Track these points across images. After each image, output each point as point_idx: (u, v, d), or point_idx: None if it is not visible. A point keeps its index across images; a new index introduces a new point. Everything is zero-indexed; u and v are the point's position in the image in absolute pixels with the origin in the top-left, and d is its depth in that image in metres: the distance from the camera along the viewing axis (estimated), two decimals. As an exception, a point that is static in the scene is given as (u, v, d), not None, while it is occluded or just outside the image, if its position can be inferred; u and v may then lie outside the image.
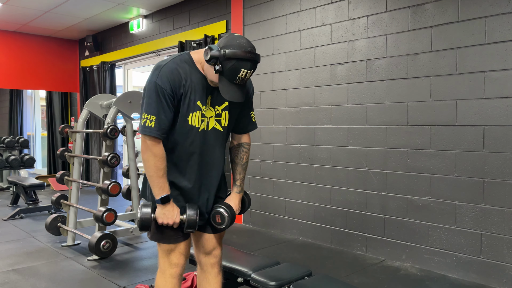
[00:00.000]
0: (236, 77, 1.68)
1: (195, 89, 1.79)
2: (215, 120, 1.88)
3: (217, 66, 1.67)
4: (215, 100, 1.87)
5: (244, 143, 2.06)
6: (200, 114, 1.83)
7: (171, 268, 1.92)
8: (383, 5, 3.64)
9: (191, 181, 1.88)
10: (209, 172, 1.93)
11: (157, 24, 6.23)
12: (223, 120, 1.90)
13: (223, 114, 1.90)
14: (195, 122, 1.82)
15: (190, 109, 1.80)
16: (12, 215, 5.31)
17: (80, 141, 4.25)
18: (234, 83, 1.70)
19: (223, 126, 1.91)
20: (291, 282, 2.33)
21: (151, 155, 1.76)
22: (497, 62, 3.02)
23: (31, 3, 5.87)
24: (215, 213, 1.94)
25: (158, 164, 1.76)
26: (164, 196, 1.78)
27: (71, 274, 3.38)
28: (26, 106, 10.23)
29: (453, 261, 3.28)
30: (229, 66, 1.67)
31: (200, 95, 1.81)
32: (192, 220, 1.81)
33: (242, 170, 2.05)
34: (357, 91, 3.85)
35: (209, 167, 1.92)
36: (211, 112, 1.87)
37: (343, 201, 3.99)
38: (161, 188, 1.78)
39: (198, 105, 1.81)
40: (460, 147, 3.23)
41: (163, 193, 1.78)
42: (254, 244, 4.16)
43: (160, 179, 1.77)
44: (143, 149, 1.79)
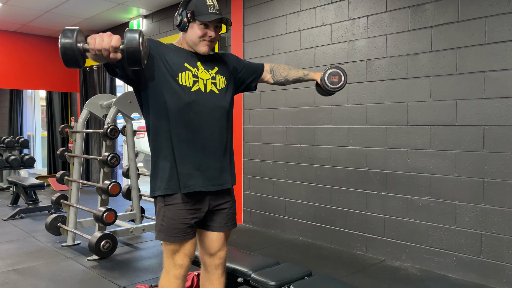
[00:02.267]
0: (208, 7, 1.82)
1: (179, 55, 1.87)
2: (212, 83, 1.91)
3: (188, 15, 1.82)
4: (205, 65, 1.92)
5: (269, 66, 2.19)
6: (190, 74, 1.85)
7: (175, 269, 1.91)
8: (383, 5, 3.64)
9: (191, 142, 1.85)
10: (212, 134, 1.89)
11: (157, 24, 6.23)
12: (218, 83, 1.93)
13: (217, 77, 1.94)
14: (186, 81, 1.84)
15: (178, 69, 1.83)
16: (12, 215, 5.31)
17: (80, 141, 4.25)
18: (210, 13, 1.81)
19: (219, 89, 1.93)
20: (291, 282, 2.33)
21: None
22: (497, 62, 3.02)
23: (31, 3, 5.87)
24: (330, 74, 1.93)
25: None
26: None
27: (71, 274, 3.38)
28: (26, 106, 10.22)
29: (453, 261, 3.28)
30: (194, 4, 1.82)
31: (186, 59, 1.88)
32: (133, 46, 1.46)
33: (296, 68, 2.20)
34: (357, 91, 3.85)
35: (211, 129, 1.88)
36: (207, 74, 1.90)
37: (343, 201, 3.99)
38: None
39: (186, 66, 1.86)
40: (460, 147, 3.23)
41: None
42: (254, 244, 4.16)
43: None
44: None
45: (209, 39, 1.86)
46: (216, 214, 1.98)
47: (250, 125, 4.87)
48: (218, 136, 1.92)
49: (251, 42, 4.81)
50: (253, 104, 4.82)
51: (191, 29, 1.85)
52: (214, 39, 1.87)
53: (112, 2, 5.83)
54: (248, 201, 4.93)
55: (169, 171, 1.84)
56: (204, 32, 1.84)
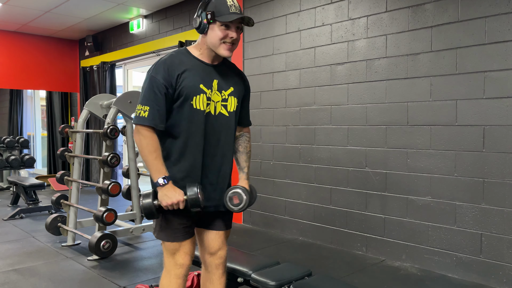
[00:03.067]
0: (228, 6, 1.77)
1: (194, 74, 1.83)
2: (221, 105, 1.89)
3: (208, 16, 1.77)
4: (221, 84, 1.89)
5: (246, 133, 2.10)
6: (205, 97, 1.83)
7: (176, 269, 1.91)
8: (383, 5, 3.64)
9: (198, 165, 1.86)
10: (216, 157, 1.91)
11: (157, 24, 6.23)
12: (229, 105, 1.91)
13: (229, 99, 1.91)
14: (200, 105, 1.82)
15: (192, 92, 1.81)
16: (12, 215, 5.31)
17: (80, 141, 4.25)
18: (231, 13, 1.76)
19: (229, 111, 1.91)
20: (291, 282, 2.33)
21: (142, 138, 1.77)
22: (497, 62, 3.02)
23: (31, 3, 5.87)
24: (232, 194, 1.93)
25: (150, 145, 1.77)
26: (162, 177, 1.76)
27: (71, 274, 3.38)
28: (26, 106, 10.22)
29: (453, 261, 3.28)
30: (214, 5, 1.77)
31: (202, 79, 1.84)
32: (194, 196, 1.75)
33: (247, 158, 2.08)
34: (357, 91, 3.85)
35: (216, 152, 1.91)
36: (218, 96, 1.88)
37: (343, 201, 3.99)
38: (157, 171, 1.77)
39: (201, 88, 1.83)
40: (460, 147, 3.23)
41: (161, 174, 1.77)
42: (254, 244, 4.16)
43: (154, 161, 1.77)
44: (135, 135, 1.80)
45: (230, 41, 1.80)
46: (215, 213, 1.99)
47: (250, 125, 4.86)
48: (223, 158, 1.94)
49: (251, 42, 4.81)
50: (253, 104, 4.82)
51: (211, 30, 1.80)
52: (235, 40, 1.82)
53: (112, 2, 5.83)
54: (248, 201, 4.92)
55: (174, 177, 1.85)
56: (225, 33, 1.78)
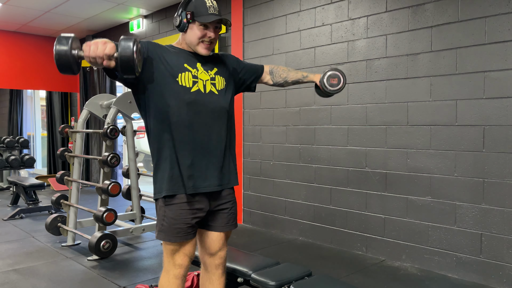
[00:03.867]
0: (207, 7, 1.82)
1: (178, 56, 1.88)
2: (211, 83, 1.91)
3: (188, 15, 1.82)
4: (205, 66, 1.92)
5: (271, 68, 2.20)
6: (190, 75, 1.86)
7: (175, 269, 1.91)
8: (383, 5, 3.64)
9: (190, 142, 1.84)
10: (212, 134, 1.89)
11: (157, 24, 6.23)
12: (217, 83, 1.94)
13: (216, 77, 1.94)
14: (186, 82, 1.84)
15: (177, 70, 1.84)
16: (12, 215, 5.31)
17: (80, 141, 4.25)
18: (210, 14, 1.82)
19: (218, 90, 1.93)
20: (291, 282, 2.33)
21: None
22: (497, 62, 3.02)
23: (31, 3, 5.87)
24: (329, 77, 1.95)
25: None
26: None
27: (71, 274, 3.38)
28: (26, 106, 10.22)
29: (453, 261, 3.28)
30: (193, 5, 1.82)
31: (186, 60, 1.88)
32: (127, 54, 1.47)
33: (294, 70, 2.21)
34: (357, 91, 3.85)
35: (211, 130, 1.89)
36: (206, 75, 1.91)
37: (343, 201, 3.99)
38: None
39: (185, 66, 1.86)
40: (460, 147, 3.23)
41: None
42: (254, 244, 4.16)
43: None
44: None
45: (208, 40, 1.86)
46: (217, 214, 1.98)
47: (250, 125, 4.87)
48: (218, 136, 1.92)
49: (251, 42, 4.81)
50: (253, 104, 4.82)
51: (190, 30, 1.85)
52: (213, 40, 1.88)
53: (112, 2, 5.83)
54: (248, 201, 4.93)
55: (170, 172, 1.84)
56: (203, 33, 1.84)
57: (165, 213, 1.86)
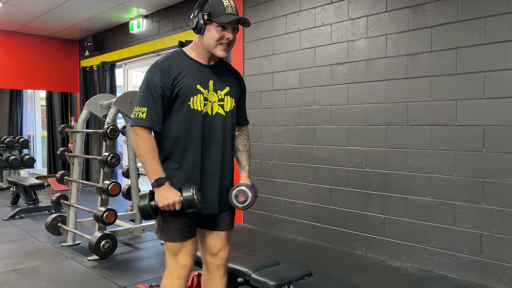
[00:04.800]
0: (225, 7, 1.78)
1: (191, 75, 1.84)
2: (218, 105, 1.90)
3: (205, 16, 1.77)
4: (217, 85, 1.90)
5: (244, 131, 2.11)
6: (202, 98, 1.84)
7: (178, 269, 1.91)
8: (383, 5, 3.64)
9: (197, 165, 1.86)
10: (216, 157, 1.91)
11: (157, 24, 6.23)
12: (226, 104, 1.92)
13: (225, 98, 1.92)
14: (197, 105, 1.83)
15: (189, 93, 1.82)
16: (12, 215, 5.31)
17: (80, 141, 4.25)
18: (228, 13, 1.77)
19: (226, 111, 1.92)
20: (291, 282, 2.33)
21: (139, 139, 1.78)
22: (497, 62, 3.02)
23: (31, 3, 5.87)
24: (237, 192, 1.94)
25: (147, 146, 1.77)
26: (158, 178, 1.77)
27: (71, 274, 3.38)
28: (26, 106, 10.22)
29: (453, 261, 3.28)
30: (210, 6, 1.78)
31: (199, 80, 1.85)
32: (189, 198, 1.75)
33: (247, 156, 2.09)
34: (357, 91, 3.85)
35: (216, 153, 1.91)
36: (214, 97, 1.89)
37: (343, 201, 3.99)
38: (154, 171, 1.77)
39: (198, 88, 1.84)
40: (460, 147, 3.23)
41: (157, 175, 1.77)
42: (254, 244, 4.16)
43: (151, 161, 1.77)
44: (132, 136, 1.80)
45: (226, 42, 1.81)
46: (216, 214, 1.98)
47: (250, 125, 4.85)
48: (223, 159, 1.94)
49: (251, 42, 4.81)
50: (253, 104, 4.82)
51: (207, 31, 1.80)
52: (231, 41, 1.83)
53: (112, 2, 5.83)
54: (248, 201, 4.92)
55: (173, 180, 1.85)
56: (221, 34, 1.79)
57: (163, 214, 1.87)
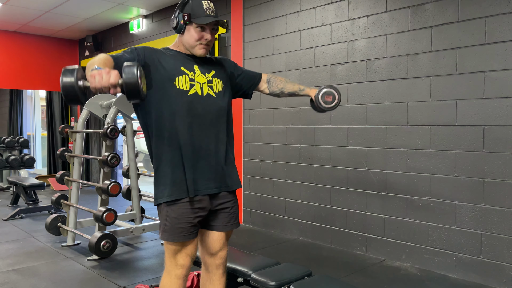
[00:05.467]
0: (204, 9, 1.83)
1: (175, 59, 1.88)
2: (208, 86, 1.92)
3: (185, 17, 1.82)
4: (202, 69, 1.93)
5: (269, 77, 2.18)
6: (187, 78, 1.86)
7: (177, 269, 1.92)
8: (383, 5, 3.64)
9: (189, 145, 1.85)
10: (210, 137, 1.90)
11: (157, 24, 6.23)
12: (215, 86, 1.94)
13: (214, 80, 1.94)
14: (183, 85, 1.85)
15: (174, 73, 1.84)
16: (12, 215, 5.31)
17: (80, 141, 4.25)
18: (207, 15, 1.83)
19: (216, 92, 1.93)
20: (291, 282, 2.33)
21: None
22: (497, 62, 3.02)
23: (31, 3, 5.87)
24: (323, 95, 1.96)
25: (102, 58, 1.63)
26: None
27: (71, 274, 3.38)
28: (26, 106, 10.22)
29: (453, 261, 3.28)
30: (190, 7, 1.83)
31: (183, 63, 1.88)
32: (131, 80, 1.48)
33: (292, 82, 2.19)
34: (357, 91, 3.85)
35: (209, 133, 1.90)
36: (203, 78, 1.91)
37: (343, 201, 3.99)
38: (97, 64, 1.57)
39: (182, 70, 1.86)
40: (460, 147, 3.23)
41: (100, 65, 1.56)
42: (254, 244, 4.16)
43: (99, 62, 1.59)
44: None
45: (205, 42, 1.87)
46: (218, 213, 1.98)
47: (250, 125, 4.87)
48: (217, 139, 1.93)
49: (251, 42, 4.81)
50: (253, 104, 4.82)
51: (187, 31, 1.87)
52: (210, 42, 1.89)
53: (112, 2, 5.83)
54: (248, 201, 4.93)
55: (172, 177, 1.85)
56: (200, 35, 1.85)
57: (168, 213, 1.87)
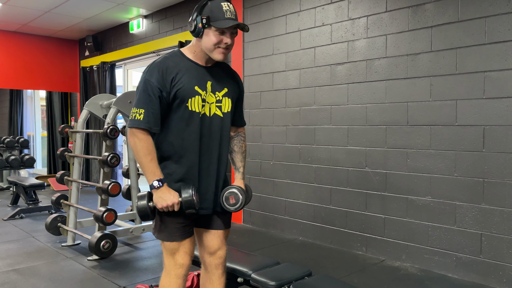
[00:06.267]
0: (224, 12, 1.76)
1: (189, 76, 1.83)
2: (216, 106, 1.90)
3: (204, 20, 1.76)
4: (215, 86, 1.90)
5: (241, 133, 2.11)
6: (200, 99, 1.84)
7: (176, 269, 1.92)
8: (383, 5, 3.64)
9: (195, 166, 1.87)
10: (212, 158, 1.92)
11: (157, 24, 6.23)
12: (223, 106, 1.93)
13: (223, 100, 1.92)
14: (195, 107, 1.84)
15: (187, 94, 1.82)
16: (12, 215, 5.31)
17: (80, 141, 4.25)
18: (227, 18, 1.76)
19: (223, 112, 1.92)
20: (291, 282, 2.33)
21: (137, 140, 1.77)
22: (497, 62, 3.02)
23: (31, 3, 5.87)
24: (228, 194, 1.94)
25: (145, 148, 1.77)
26: (157, 180, 1.77)
27: (71, 274, 3.38)
28: (26, 106, 10.23)
29: (453, 261, 3.28)
30: (209, 9, 1.76)
31: (197, 81, 1.85)
32: (188, 198, 1.77)
33: (242, 158, 2.08)
34: (357, 91, 3.85)
35: (212, 153, 1.92)
36: (212, 98, 1.89)
37: (343, 201, 3.99)
38: (152, 173, 1.78)
39: (196, 90, 1.84)
40: (460, 147, 3.23)
41: (156, 177, 1.78)
42: (254, 244, 4.16)
43: (150, 163, 1.78)
44: (130, 138, 1.80)
45: (224, 46, 1.80)
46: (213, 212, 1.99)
47: (250, 125, 4.87)
48: (219, 160, 1.95)
49: (251, 42, 4.81)
50: (253, 104, 4.82)
51: (206, 35, 1.79)
52: (229, 46, 1.82)
53: (112, 2, 5.83)
54: (248, 201, 4.92)
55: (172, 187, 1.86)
56: (219, 39, 1.78)
57: (160, 213, 1.87)
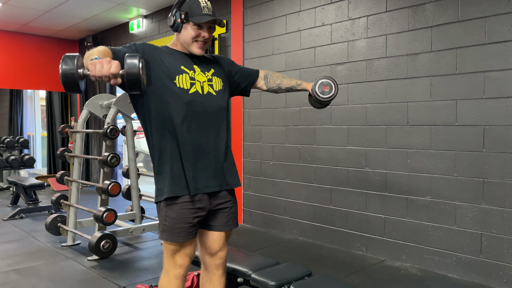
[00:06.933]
0: (202, 8, 1.84)
1: (175, 58, 1.88)
2: (208, 84, 1.93)
3: (182, 15, 1.83)
4: (201, 67, 1.94)
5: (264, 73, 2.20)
6: (187, 77, 1.87)
7: (175, 269, 1.92)
8: (383, 5, 3.64)
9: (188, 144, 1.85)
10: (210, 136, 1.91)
11: (157, 24, 6.23)
12: (215, 85, 1.95)
13: (213, 79, 1.95)
14: (184, 84, 1.85)
15: (175, 72, 1.84)
16: (12, 215, 5.31)
17: (80, 141, 4.25)
18: (204, 14, 1.84)
19: (216, 91, 1.94)
20: (291, 282, 2.33)
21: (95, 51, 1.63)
22: (497, 62, 3.02)
23: (31, 3, 5.87)
24: (321, 84, 1.95)
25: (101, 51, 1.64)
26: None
27: (71, 274, 3.38)
28: (26, 106, 10.22)
29: (453, 261, 3.28)
30: (188, 5, 1.84)
31: (183, 62, 1.89)
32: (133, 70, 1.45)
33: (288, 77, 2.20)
34: (357, 91, 3.85)
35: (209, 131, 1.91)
36: (203, 77, 1.92)
37: (343, 201, 3.99)
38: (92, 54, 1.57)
39: (182, 68, 1.87)
40: (460, 147, 3.23)
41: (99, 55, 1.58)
42: (254, 244, 4.16)
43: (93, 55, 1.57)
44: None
45: (202, 40, 1.88)
46: (217, 213, 1.98)
47: (250, 125, 4.87)
48: (218, 137, 1.94)
49: (251, 42, 4.81)
50: (253, 104, 4.82)
51: (184, 30, 1.87)
52: (207, 40, 1.90)
53: (112, 2, 5.83)
54: (248, 201, 4.93)
55: (171, 174, 1.85)
56: (197, 33, 1.86)
57: (167, 213, 1.86)
